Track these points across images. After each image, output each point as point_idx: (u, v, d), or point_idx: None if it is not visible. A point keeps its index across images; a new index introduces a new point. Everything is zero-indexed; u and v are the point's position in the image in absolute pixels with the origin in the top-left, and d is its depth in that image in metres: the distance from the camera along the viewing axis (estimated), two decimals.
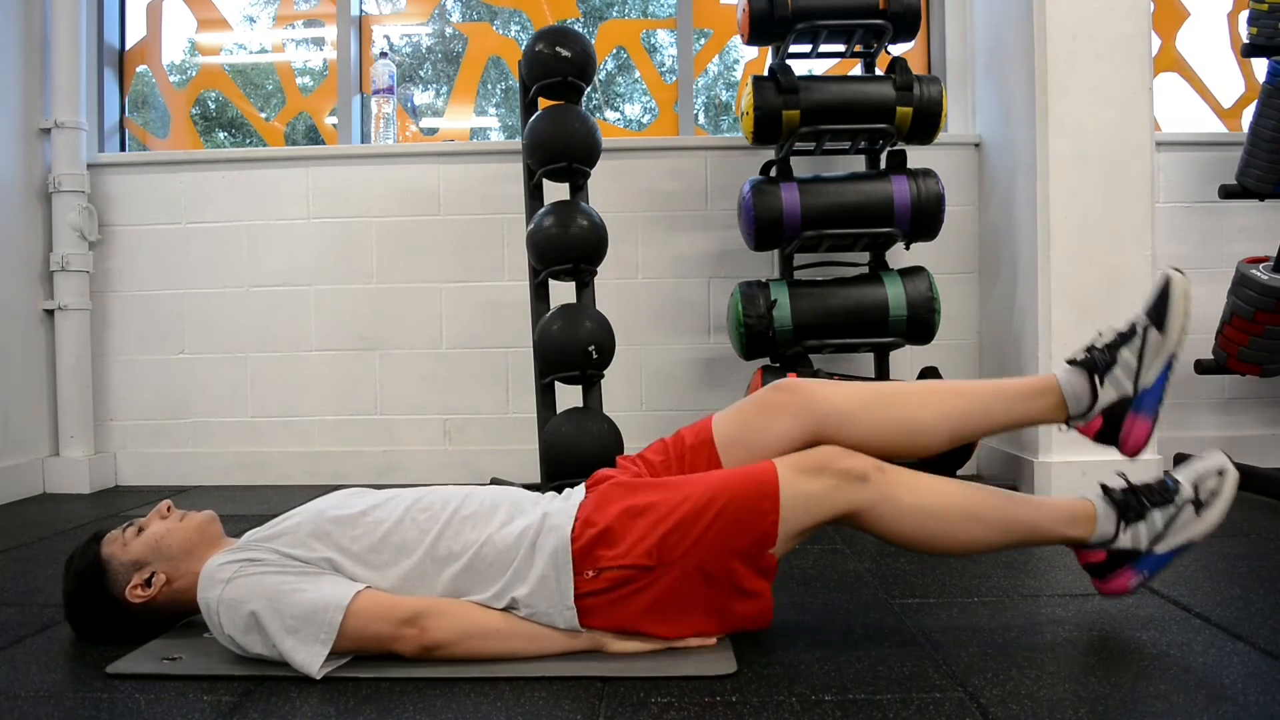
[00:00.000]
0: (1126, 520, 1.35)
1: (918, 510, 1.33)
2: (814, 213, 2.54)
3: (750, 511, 1.29)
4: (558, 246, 2.35)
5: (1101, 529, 1.36)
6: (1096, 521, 1.36)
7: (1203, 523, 1.33)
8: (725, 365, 2.98)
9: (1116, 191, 2.47)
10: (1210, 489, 1.34)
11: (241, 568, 1.29)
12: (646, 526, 1.29)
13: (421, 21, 3.47)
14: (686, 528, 1.28)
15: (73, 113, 2.95)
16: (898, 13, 2.56)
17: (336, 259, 3.05)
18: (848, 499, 1.31)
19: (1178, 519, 1.34)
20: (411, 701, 1.18)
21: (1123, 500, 1.36)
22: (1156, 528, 1.34)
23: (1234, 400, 2.97)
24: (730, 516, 1.28)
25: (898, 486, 1.33)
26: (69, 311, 2.96)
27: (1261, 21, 2.60)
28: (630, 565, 1.28)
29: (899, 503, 1.32)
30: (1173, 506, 1.34)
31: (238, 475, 3.03)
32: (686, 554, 1.28)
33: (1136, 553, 1.35)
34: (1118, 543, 1.35)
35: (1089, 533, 1.36)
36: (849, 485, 1.31)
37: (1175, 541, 1.34)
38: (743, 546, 1.29)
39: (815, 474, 1.31)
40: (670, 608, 1.30)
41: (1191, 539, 1.34)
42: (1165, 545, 1.34)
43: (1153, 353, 1.36)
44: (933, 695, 1.17)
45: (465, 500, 1.38)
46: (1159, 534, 1.34)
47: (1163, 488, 1.35)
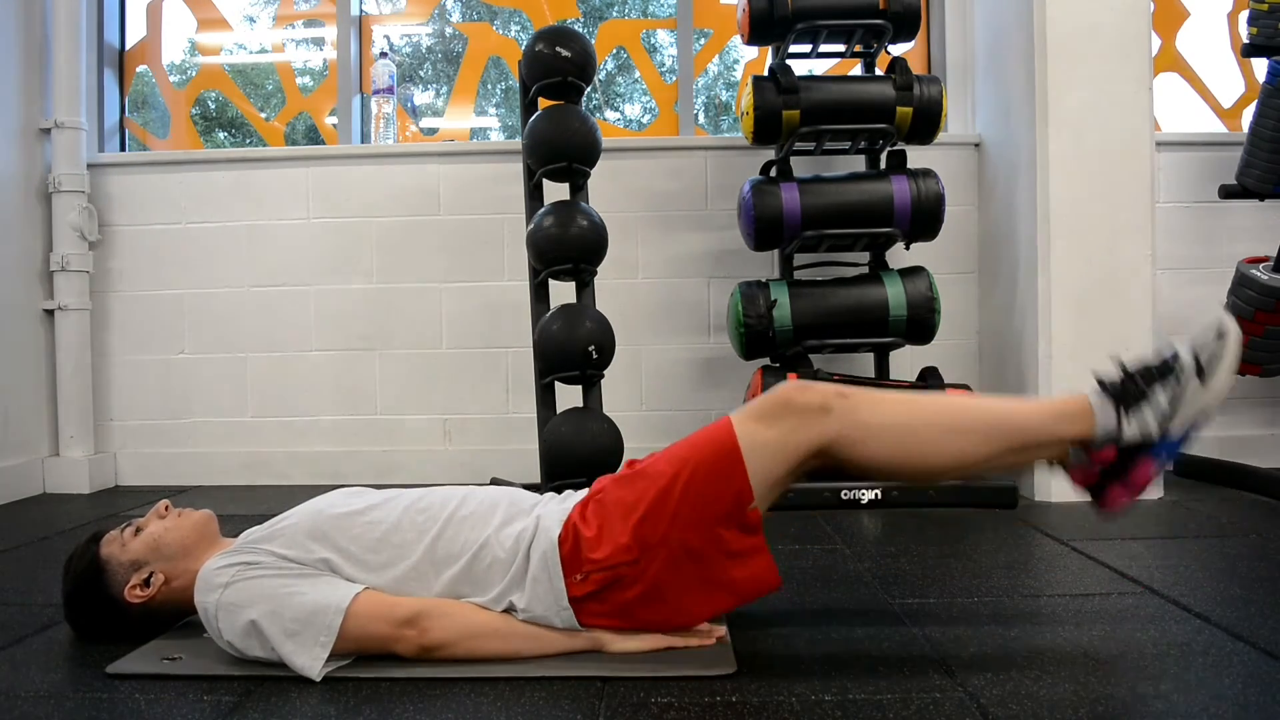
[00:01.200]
0: (1127, 406, 1.23)
1: (889, 428, 1.26)
2: (814, 213, 2.54)
3: (716, 476, 1.27)
4: (558, 246, 2.35)
5: (1102, 420, 1.24)
6: (1095, 414, 1.25)
7: (1210, 390, 1.21)
8: (725, 365, 2.98)
9: (1116, 191, 2.47)
10: (1212, 353, 1.22)
11: (239, 571, 1.29)
12: (620, 521, 1.29)
13: (421, 21, 3.47)
14: (657, 511, 1.27)
15: (73, 113, 2.95)
16: (898, 13, 2.56)
17: (336, 259, 3.05)
18: (813, 434, 1.25)
19: (1184, 393, 1.22)
20: (411, 701, 1.18)
21: (1119, 384, 1.25)
22: (1162, 407, 1.22)
23: (1234, 400, 2.96)
24: (697, 487, 1.27)
25: (862, 408, 1.26)
26: (69, 311, 2.96)
27: (1261, 21, 2.60)
28: (614, 564, 1.28)
29: (867, 425, 1.25)
30: (1174, 380, 1.22)
31: (238, 475, 3.03)
32: (666, 536, 1.27)
33: (1149, 441, 1.23)
34: (1125, 434, 1.23)
35: (1089, 427, 1.24)
36: (811, 419, 1.25)
37: (1188, 416, 1.22)
38: (721, 512, 1.27)
39: (774, 419, 1.27)
40: (668, 594, 1.29)
41: (1204, 410, 1.22)
42: (1178, 424, 1.22)
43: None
44: (933, 695, 1.17)
45: (464, 501, 1.38)
46: (1166, 413, 1.22)
47: (1161, 363, 1.24)
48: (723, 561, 1.29)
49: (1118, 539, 1.97)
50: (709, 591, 1.30)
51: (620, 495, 1.33)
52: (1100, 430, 1.25)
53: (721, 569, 1.29)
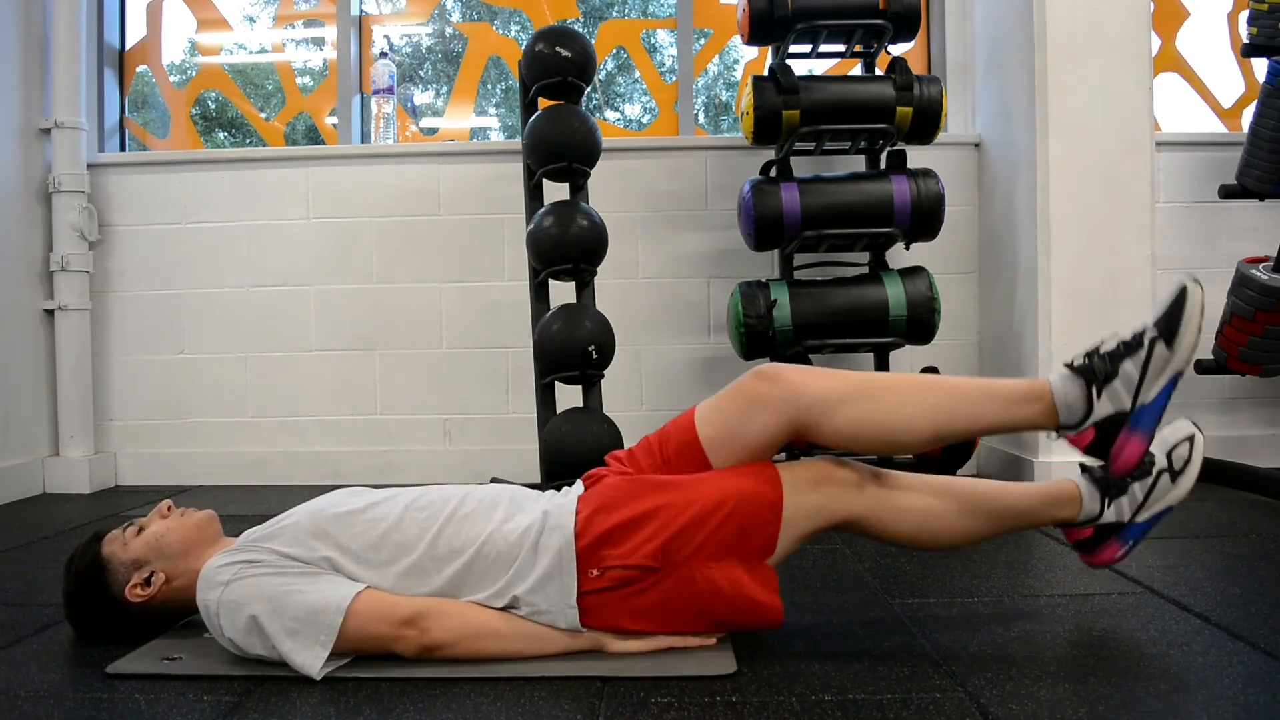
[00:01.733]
0: (1109, 497, 1.40)
1: (913, 512, 1.37)
2: (814, 213, 2.54)
3: (755, 520, 1.30)
4: (558, 246, 2.35)
5: (1087, 508, 1.41)
6: (1082, 502, 1.41)
7: (1178, 489, 1.39)
8: (725, 365, 2.98)
9: (1116, 191, 2.47)
10: (1182, 456, 1.39)
11: (240, 569, 1.29)
12: (654, 528, 1.29)
13: (421, 21, 3.47)
14: (693, 531, 1.28)
15: (73, 113, 2.95)
16: (898, 13, 2.56)
17: (336, 259, 3.05)
18: (847, 507, 1.34)
19: (1155, 489, 1.39)
20: (411, 701, 1.18)
21: (1103, 478, 1.40)
22: (1137, 499, 1.39)
23: (1234, 400, 2.97)
24: (736, 523, 1.29)
25: (893, 491, 1.37)
26: (69, 311, 2.96)
27: (1261, 21, 2.60)
28: (636, 565, 1.28)
29: (895, 507, 1.36)
30: (1149, 478, 1.39)
31: (238, 475, 3.03)
32: (691, 557, 1.28)
33: (1120, 525, 1.40)
34: (1103, 518, 1.40)
35: (1075, 513, 1.41)
36: (847, 494, 1.34)
37: (1155, 509, 1.39)
38: (744, 554, 1.30)
39: (815, 486, 1.34)
40: (671, 610, 1.30)
41: (1170, 505, 1.40)
42: (1146, 514, 1.40)
43: (1157, 368, 1.30)
44: (933, 695, 1.17)
45: (465, 498, 1.38)
46: (1139, 505, 1.39)
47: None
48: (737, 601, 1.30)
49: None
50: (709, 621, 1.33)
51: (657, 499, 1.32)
52: (1084, 515, 1.41)
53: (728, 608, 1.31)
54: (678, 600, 1.29)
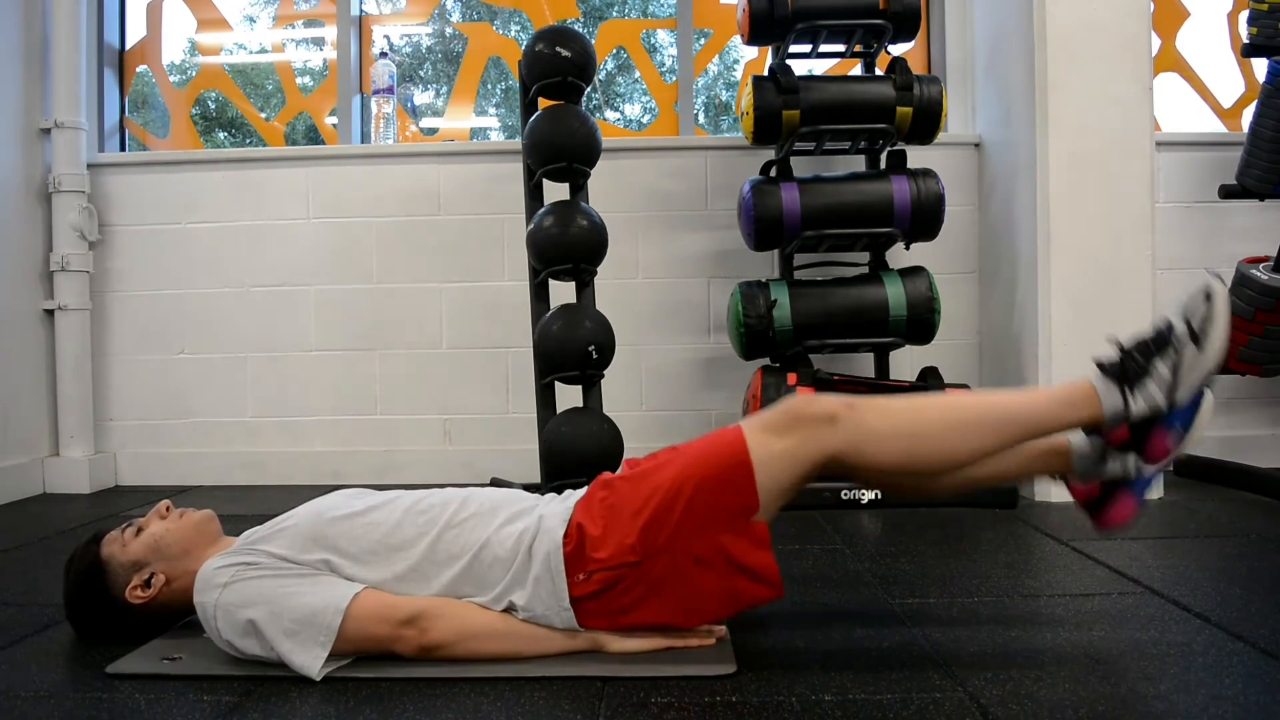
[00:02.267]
0: (1130, 384, 1.26)
1: (897, 434, 1.27)
2: (814, 213, 2.54)
3: (724, 484, 1.27)
4: (558, 246, 2.35)
5: (1108, 402, 1.26)
6: (1100, 396, 1.27)
7: (1207, 353, 1.24)
8: (725, 365, 2.98)
9: (1116, 191, 2.46)
10: (1203, 316, 1.25)
11: (239, 571, 1.29)
12: (626, 522, 1.29)
13: (421, 21, 3.47)
14: (664, 515, 1.27)
15: (73, 113, 2.95)
16: (898, 13, 2.56)
17: (336, 259, 3.05)
18: (822, 444, 1.26)
19: (1183, 360, 1.25)
20: (411, 701, 1.18)
21: (1118, 364, 1.27)
22: (1165, 378, 1.25)
23: (1234, 400, 2.97)
24: (706, 493, 1.27)
25: (869, 417, 1.27)
26: (69, 311, 2.96)
27: (1261, 21, 2.60)
28: (617, 565, 1.28)
29: (876, 432, 1.26)
30: (1171, 350, 1.26)
31: (238, 475, 3.03)
32: (671, 541, 1.27)
33: (1159, 414, 1.25)
34: (1133, 410, 1.25)
35: (1096, 410, 1.27)
36: (820, 430, 1.26)
37: (1191, 382, 1.25)
38: (726, 521, 1.28)
39: (784, 430, 1.28)
40: (669, 598, 1.29)
41: (1206, 373, 1.25)
42: (1184, 391, 1.25)
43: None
44: (933, 695, 1.17)
45: (465, 502, 1.38)
46: (1170, 383, 1.25)
47: (1156, 336, 1.28)
48: (727, 571, 1.29)
49: (1118, 539, 1.97)
50: (710, 598, 1.31)
51: (628, 496, 1.32)
52: (1108, 411, 1.26)
53: (726, 578, 1.29)
54: (671, 587, 1.28)
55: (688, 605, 1.30)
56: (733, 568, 1.29)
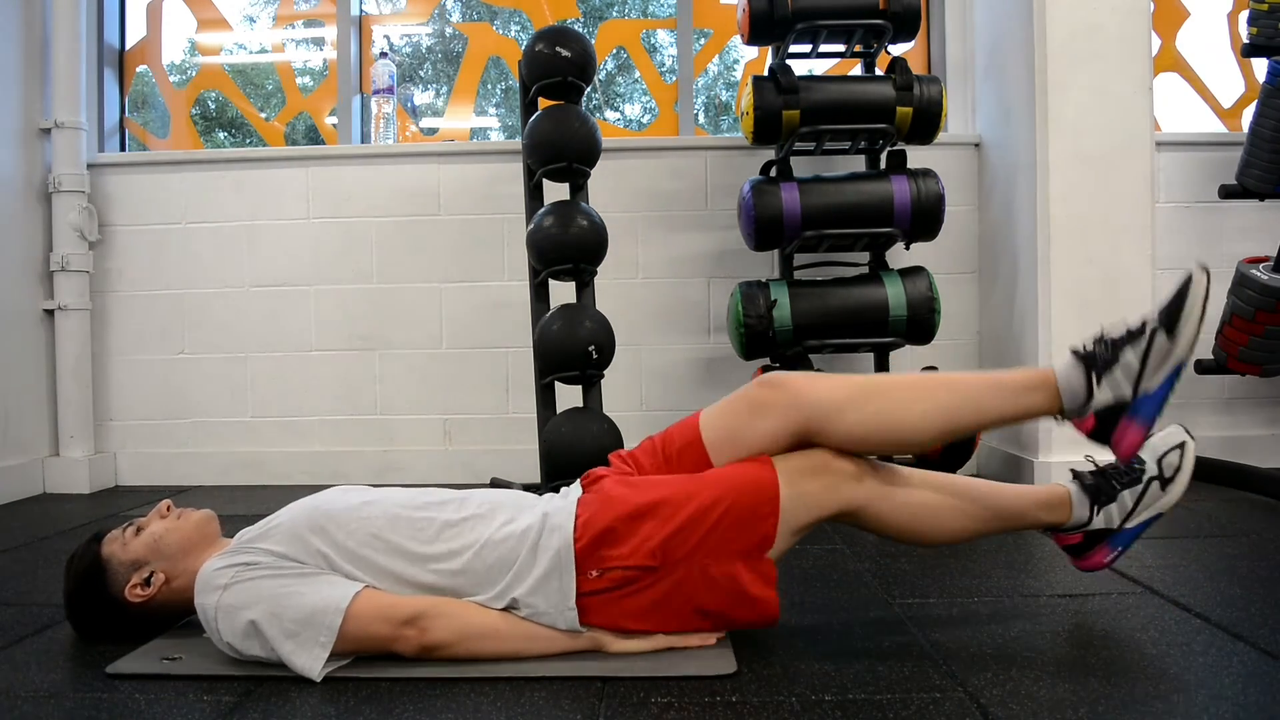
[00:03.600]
0: (1099, 504, 1.41)
1: (910, 506, 1.38)
2: (814, 213, 2.54)
3: (752, 514, 1.30)
4: (558, 246, 2.35)
5: (1077, 514, 1.42)
6: (1072, 507, 1.42)
7: (1169, 496, 1.40)
8: (725, 365, 2.98)
9: (1116, 191, 2.47)
10: (1173, 464, 1.39)
11: (238, 572, 1.28)
12: (652, 527, 1.29)
13: (421, 21, 3.47)
14: (691, 529, 1.28)
15: (73, 113, 2.95)
16: (898, 13, 2.56)
17: (336, 259, 3.05)
18: (844, 498, 1.34)
19: (1145, 496, 1.40)
20: (411, 701, 1.18)
21: (1094, 485, 1.42)
22: (1126, 506, 1.41)
23: (1234, 400, 2.97)
24: (733, 518, 1.29)
25: (891, 485, 1.37)
26: (69, 311, 2.96)
27: (1261, 21, 2.60)
28: (635, 566, 1.28)
29: (893, 500, 1.36)
30: (1140, 486, 1.40)
31: (238, 475, 3.03)
32: (690, 555, 1.28)
33: (1110, 531, 1.42)
34: (1092, 524, 1.42)
35: (1065, 517, 1.43)
36: (845, 485, 1.34)
37: (1144, 516, 1.41)
38: (743, 549, 1.29)
39: (813, 476, 1.33)
40: (671, 608, 1.30)
41: (1160, 512, 1.41)
42: (1135, 520, 1.41)
43: (1158, 358, 1.28)
44: (933, 695, 1.17)
45: (464, 501, 1.38)
46: (1129, 511, 1.41)
47: (1129, 468, 1.41)
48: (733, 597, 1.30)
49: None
50: (709, 618, 1.33)
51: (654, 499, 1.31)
52: (1074, 520, 1.42)
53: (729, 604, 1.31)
54: (676, 598, 1.29)
55: (687, 619, 1.32)
56: (739, 596, 1.30)
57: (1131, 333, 1.31)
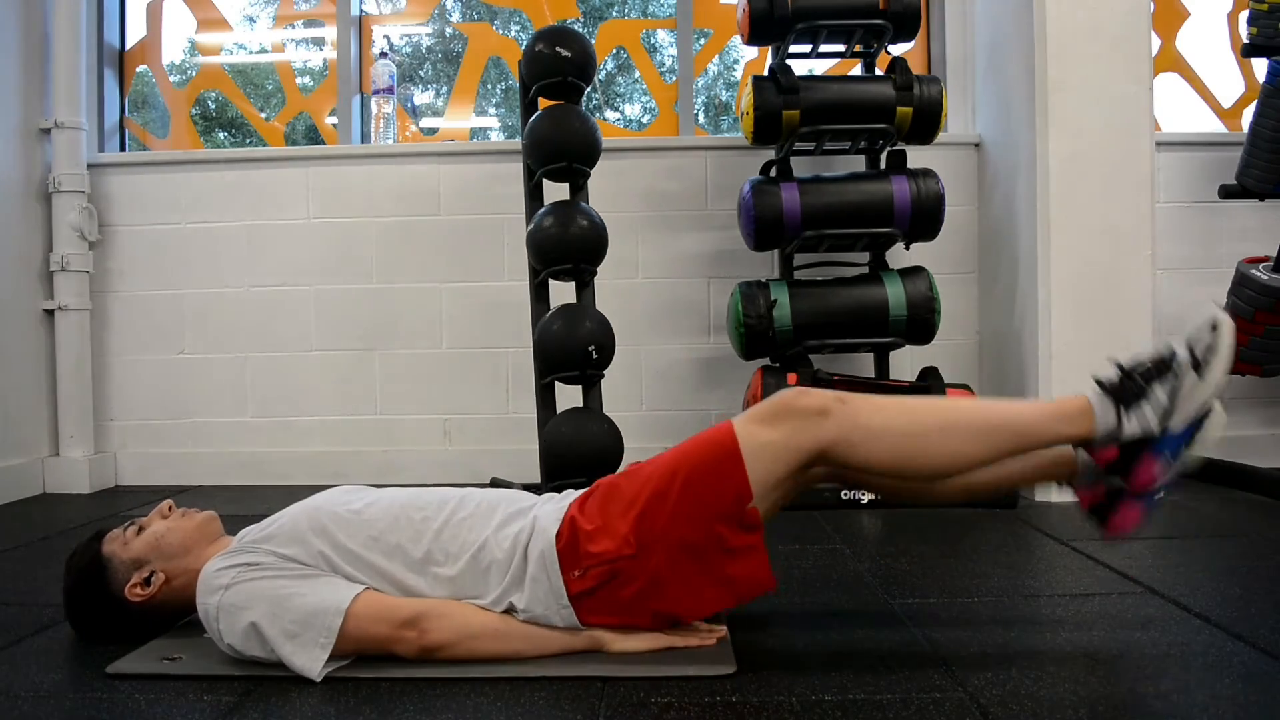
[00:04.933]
0: (1126, 404, 1.24)
1: (888, 431, 1.27)
2: (814, 213, 2.54)
3: (715, 474, 1.28)
4: (558, 246, 2.35)
5: (1102, 420, 1.25)
6: (1094, 414, 1.26)
7: (1207, 383, 1.22)
8: (725, 365, 2.98)
9: (1116, 191, 2.46)
10: (1206, 345, 1.23)
11: (240, 572, 1.29)
12: (619, 516, 1.29)
13: (421, 21, 3.47)
14: (656, 506, 1.28)
15: (73, 113, 2.95)
16: (898, 13, 2.56)
17: (336, 259, 3.05)
18: (813, 437, 1.26)
19: (1182, 387, 1.23)
20: (411, 701, 1.18)
21: (1118, 385, 1.26)
22: (1162, 402, 1.23)
23: (1234, 400, 2.96)
24: (697, 484, 1.28)
25: (862, 412, 1.27)
26: (69, 311, 2.96)
27: (1261, 21, 2.60)
28: (612, 558, 1.28)
29: (867, 428, 1.26)
30: (1172, 375, 1.24)
31: (238, 475, 3.03)
32: (665, 532, 1.27)
33: (1151, 438, 1.23)
34: (1125, 431, 1.24)
35: (1089, 427, 1.26)
36: (811, 423, 1.26)
37: (1188, 412, 1.22)
38: (721, 510, 1.28)
39: (775, 421, 1.28)
40: (667, 590, 1.29)
41: (1204, 404, 1.22)
42: (1180, 419, 1.23)
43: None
44: (933, 695, 1.17)
45: (462, 502, 1.38)
46: (1166, 409, 1.23)
47: (1157, 360, 1.26)
48: (720, 558, 1.29)
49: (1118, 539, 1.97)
50: (707, 588, 1.30)
51: (621, 490, 1.34)
52: (1100, 428, 1.25)
53: (719, 565, 1.29)
54: (669, 579, 1.28)
55: (687, 597, 1.30)
56: (726, 554, 1.29)
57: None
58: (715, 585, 1.30)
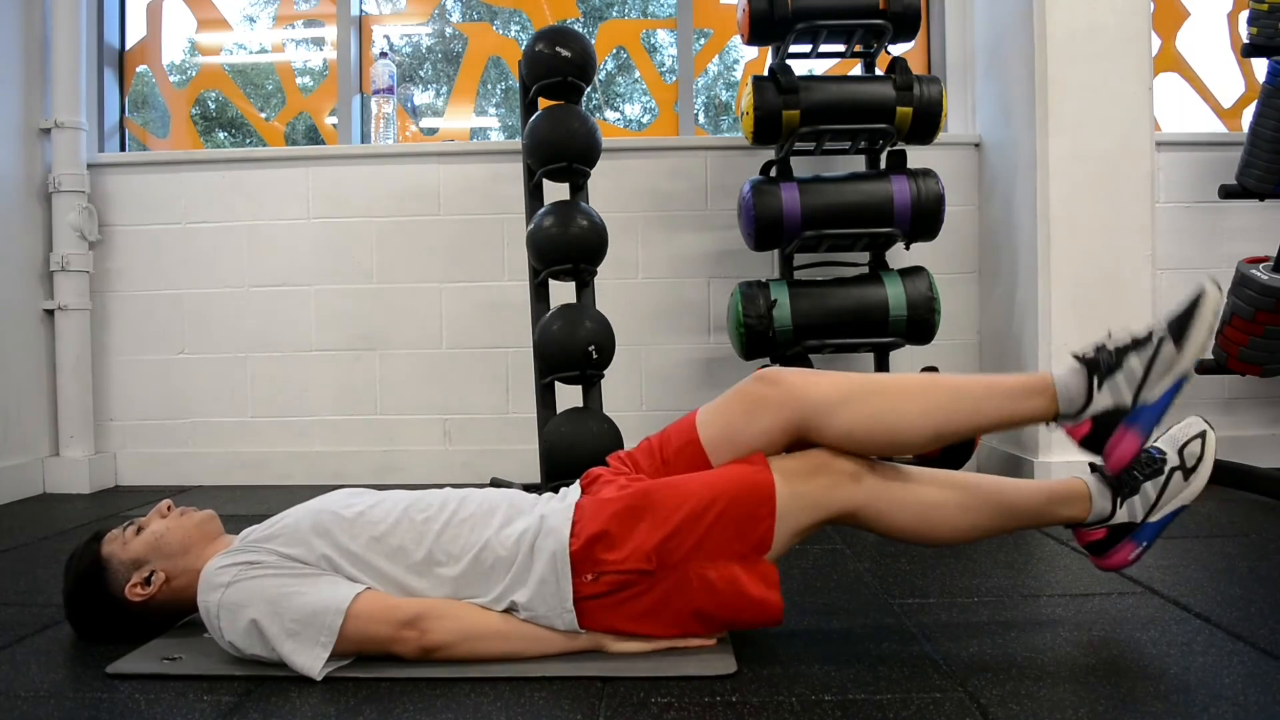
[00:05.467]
0: (1121, 496, 1.36)
1: (913, 504, 1.34)
2: (814, 213, 2.54)
3: (748, 516, 1.29)
4: (558, 246, 2.35)
5: (1098, 507, 1.37)
6: (1092, 500, 1.37)
7: (1192, 486, 1.36)
8: (725, 365, 2.98)
9: (1116, 191, 2.47)
10: (1194, 453, 1.36)
11: (241, 571, 1.29)
12: (646, 530, 1.28)
13: (421, 21, 3.47)
14: (686, 531, 1.28)
15: (73, 113, 2.95)
16: (898, 13, 2.56)
17: (336, 259, 3.05)
18: (843, 498, 1.31)
19: (1168, 487, 1.36)
20: (411, 701, 1.18)
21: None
22: (1150, 498, 1.36)
23: (1234, 400, 2.97)
24: (729, 520, 1.28)
25: (892, 482, 1.34)
26: (69, 311, 2.96)
27: (1261, 21, 2.60)
28: (630, 570, 1.27)
29: (894, 498, 1.33)
30: (1161, 476, 1.36)
31: (238, 475, 3.03)
32: (686, 558, 1.28)
33: (1133, 525, 1.37)
34: (1115, 519, 1.37)
35: (1085, 512, 1.38)
36: (843, 485, 1.31)
37: (1168, 509, 1.36)
38: (740, 551, 1.29)
39: (810, 476, 1.31)
40: (669, 611, 1.30)
41: (1183, 504, 1.37)
42: (1159, 513, 1.36)
43: (1163, 368, 1.28)
44: (933, 695, 1.17)
45: (463, 502, 1.38)
46: (1152, 504, 1.36)
47: (1150, 459, 1.36)
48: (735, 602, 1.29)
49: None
50: (711, 622, 1.32)
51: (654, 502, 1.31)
52: (1095, 514, 1.37)
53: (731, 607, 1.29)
54: (675, 602, 1.29)
55: (686, 623, 1.31)
56: (740, 599, 1.29)
57: (1137, 340, 1.31)
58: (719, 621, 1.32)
